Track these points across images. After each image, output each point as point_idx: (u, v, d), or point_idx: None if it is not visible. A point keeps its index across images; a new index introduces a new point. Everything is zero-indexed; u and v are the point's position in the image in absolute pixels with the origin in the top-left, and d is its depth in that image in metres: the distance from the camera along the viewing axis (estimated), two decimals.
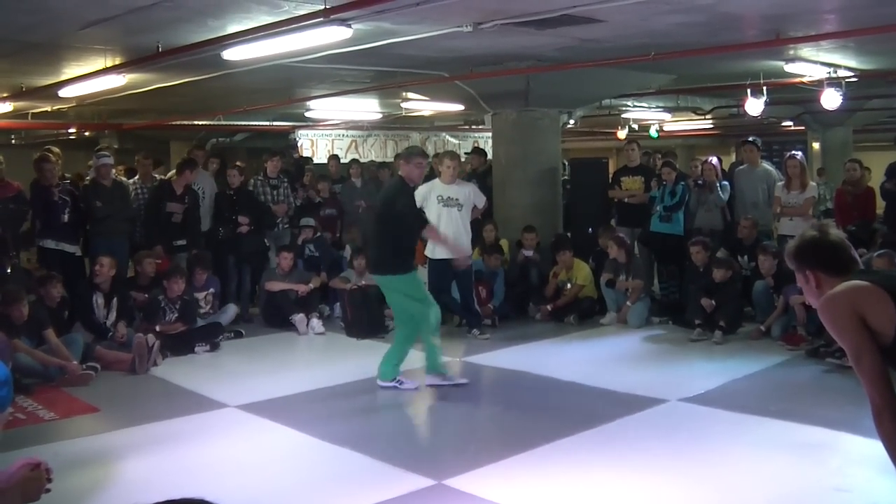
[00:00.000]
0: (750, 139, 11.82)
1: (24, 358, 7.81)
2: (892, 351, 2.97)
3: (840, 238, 3.31)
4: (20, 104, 13.36)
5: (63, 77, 10.74)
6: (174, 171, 11.20)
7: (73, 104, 13.52)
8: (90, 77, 10.05)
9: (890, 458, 3.00)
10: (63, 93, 10.97)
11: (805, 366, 8.14)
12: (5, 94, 12.30)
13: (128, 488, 5.28)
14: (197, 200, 10.81)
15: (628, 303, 10.41)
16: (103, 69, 9.81)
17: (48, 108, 14.37)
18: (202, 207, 11.08)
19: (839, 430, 5.99)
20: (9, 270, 9.26)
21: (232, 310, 10.43)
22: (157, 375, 8.43)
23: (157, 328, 9.11)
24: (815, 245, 3.29)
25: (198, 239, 10.84)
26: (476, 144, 18.84)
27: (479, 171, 13.29)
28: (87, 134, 19.44)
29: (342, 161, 15.55)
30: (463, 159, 14.65)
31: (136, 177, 11.63)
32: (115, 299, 9.23)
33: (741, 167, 11.85)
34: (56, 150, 10.33)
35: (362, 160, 16.70)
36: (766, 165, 11.51)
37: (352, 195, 13.25)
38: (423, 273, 10.25)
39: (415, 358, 7.98)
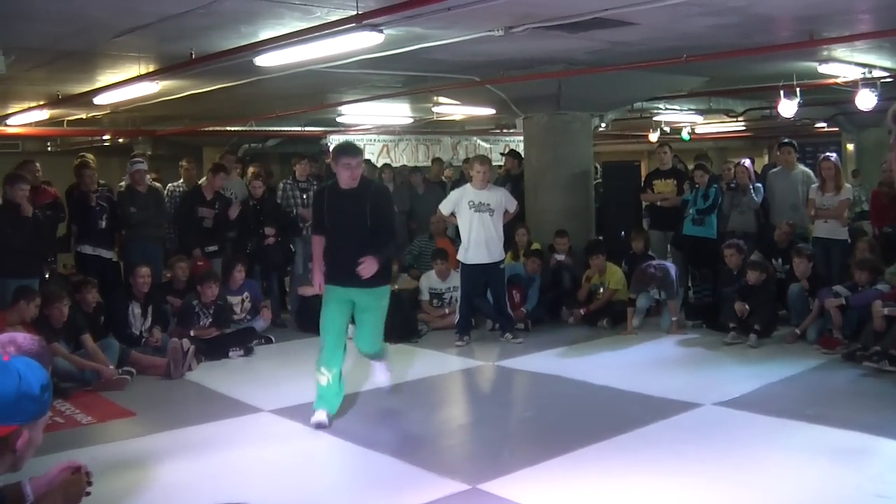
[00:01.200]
0: (786, 141, 11.74)
1: (62, 362, 7.90)
2: None
3: None
4: (56, 112, 13.52)
5: (98, 84, 10.84)
6: (205, 176, 11.27)
7: (108, 111, 13.67)
8: (124, 84, 10.14)
9: None
10: (98, 100, 11.07)
11: (841, 369, 8.06)
12: (42, 102, 12.45)
13: (164, 492, 5.33)
14: (227, 205, 10.86)
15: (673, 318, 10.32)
16: (137, 76, 9.90)
17: (83, 116, 14.52)
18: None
19: (878, 435, 5.93)
20: (47, 276, 9.37)
21: (265, 319, 10.46)
22: (191, 380, 8.49)
23: (192, 333, 9.17)
24: None
25: (226, 244, 10.90)
26: (507, 148, 18.81)
27: (513, 174, 13.29)
28: (120, 140, 19.61)
29: (375, 166, 15.57)
30: (500, 161, 14.67)
31: (181, 181, 11.71)
32: (150, 306, 9.32)
33: (775, 169, 11.77)
34: (92, 156, 10.44)
35: (394, 165, 16.71)
36: (803, 167, 11.42)
37: None
38: (455, 277, 10.30)
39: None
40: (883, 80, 11.65)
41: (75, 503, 3.03)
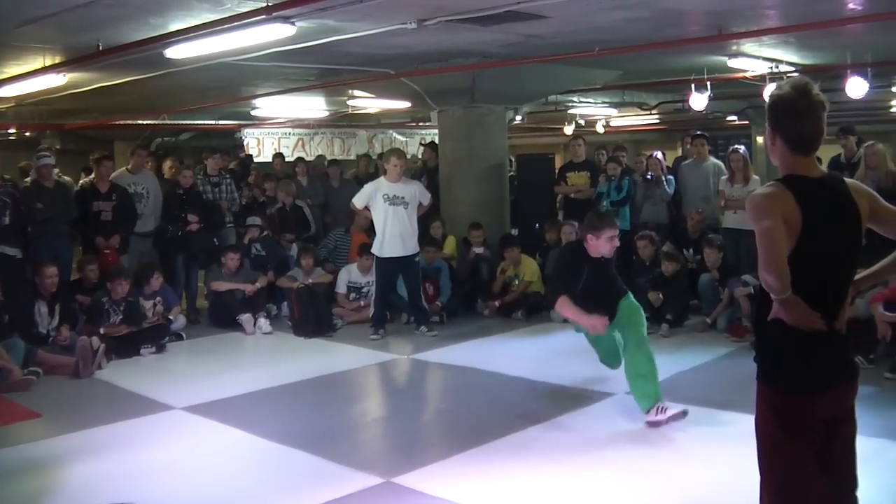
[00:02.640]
0: (699, 133, 11.94)
1: None
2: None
3: (814, 107, 3.16)
4: None
5: (1, 76, 10.54)
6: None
7: (12, 104, 13.29)
8: (29, 76, 9.88)
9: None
10: (1, 92, 10.77)
11: (750, 357, 8.05)
12: None
13: (72, 494, 5.20)
14: (127, 197, 10.64)
15: None
16: (42, 68, 9.65)
17: None
18: (146, 207, 10.93)
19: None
20: None
21: (181, 320, 10.31)
22: (101, 378, 8.28)
23: (102, 330, 8.97)
24: (785, 106, 3.19)
25: (129, 235, 10.69)
26: (423, 141, 18.81)
27: (430, 166, 13.29)
28: (27, 134, 19.10)
29: (288, 159, 15.44)
30: (414, 153, 14.65)
31: (92, 176, 11.44)
32: (58, 305, 9.09)
33: (687, 161, 11.97)
34: None
35: (308, 158, 16.59)
36: (714, 160, 11.62)
37: (298, 193, 13.15)
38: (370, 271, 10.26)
39: None
40: (789, 74, 11.89)
41: None
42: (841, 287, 3.25)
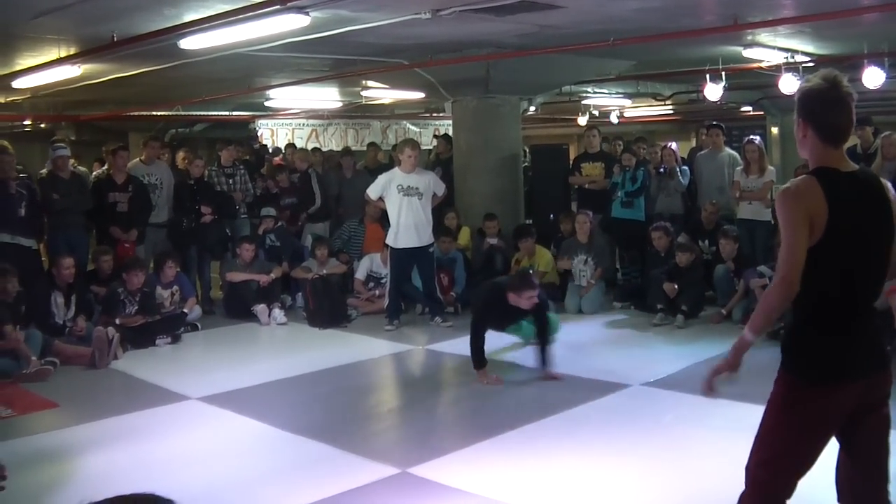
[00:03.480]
0: (714, 123, 11.90)
1: None
2: (809, 252, 3.11)
3: (845, 98, 3.18)
4: None
5: (16, 68, 10.57)
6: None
7: (28, 96, 13.32)
8: (44, 68, 9.90)
9: (757, 318, 3.33)
10: (17, 84, 10.81)
11: (766, 348, 8.04)
12: None
13: (88, 484, 5.22)
14: (142, 188, 10.69)
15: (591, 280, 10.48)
16: (57, 59, 9.67)
17: (2, 100, 14.15)
18: (160, 198, 10.97)
19: None
20: None
21: (197, 310, 10.34)
22: (117, 369, 8.33)
23: (117, 321, 9.00)
24: (817, 97, 3.20)
25: (145, 227, 10.73)
26: (437, 132, 18.78)
27: (444, 158, 13.28)
28: (42, 126, 19.15)
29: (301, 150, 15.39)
30: (428, 146, 14.63)
31: (105, 166, 11.48)
32: (74, 295, 9.14)
33: (703, 152, 11.91)
34: (6, 143, 10.17)
35: (324, 149, 16.59)
36: (730, 150, 11.57)
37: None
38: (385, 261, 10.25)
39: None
40: (804, 65, 11.83)
41: None
42: (871, 279, 3.26)
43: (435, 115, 20.43)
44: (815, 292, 3.14)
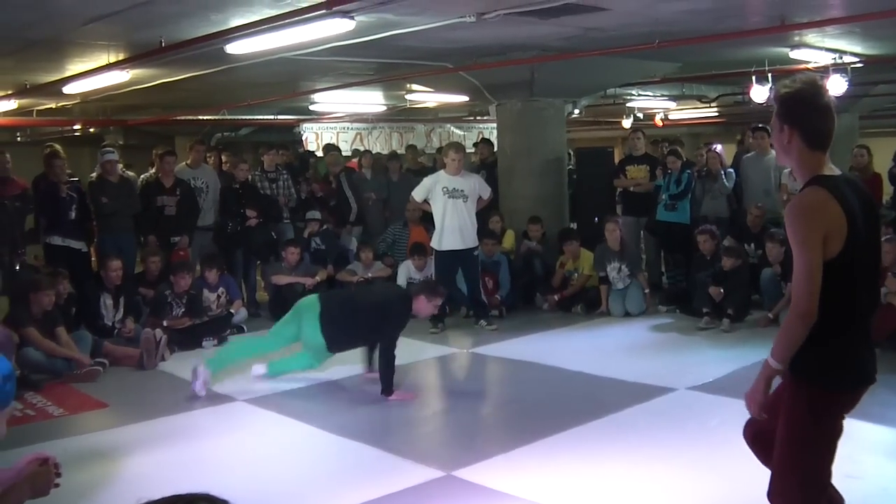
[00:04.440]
0: (760, 126, 11.79)
1: (34, 354, 7.85)
2: (828, 265, 3.07)
3: (831, 104, 3.20)
4: (25, 101, 13.36)
5: (67, 73, 10.73)
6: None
7: (78, 101, 13.52)
8: (94, 73, 10.03)
9: (781, 346, 3.20)
10: (67, 89, 10.96)
11: None
12: (10, 92, 12.29)
13: (136, 483, 5.29)
14: (190, 192, 10.81)
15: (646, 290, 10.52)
16: (107, 65, 9.80)
17: (53, 105, 14.36)
18: (206, 202, 11.09)
19: (848, 417, 5.95)
20: (17, 268, 9.28)
21: (243, 313, 10.43)
22: (165, 370, 8.43)
23: (165, 323, 9.11)
24: (805, 102, 3.18)
25: (193, 230, 10.85)
26: (481, 135, 18.76)
27: (487, 162, 13.29)
28: (91, 130, 19.42)
29: (345, 153, 15.49)
30: (472, 150, 14.65)
31: (152, 170, 11.62)
32: (122, 297, 9.27)
33: (749, 154, 11.79)
34: (59, 147, 10.33)
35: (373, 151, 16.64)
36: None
37: (362, 187, 13.21)
38: (432, 265, 10.26)
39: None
40: (853, 66, 11.70)
41: (43, 495, 3.00)
42: (876, 280, 3.32)
43: (479, 118, 20.44)
44: (838, 303, 3.10)
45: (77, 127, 18.42)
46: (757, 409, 3.34)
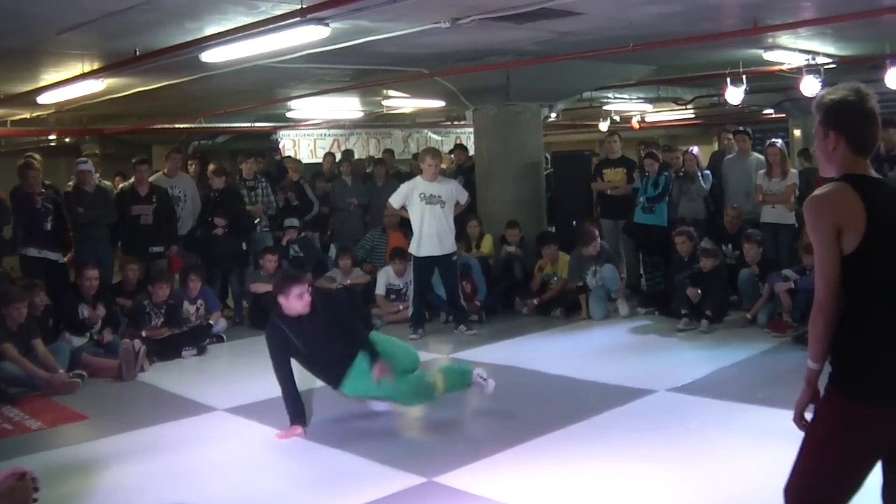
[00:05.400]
0: (741, 128, 11.86)
1: (11, 367, 7.77)
2: (844, 262, 3.02)
3: (876, 110, 3.16)
4: None
5: (41, 83, 10.68)
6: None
7: (53, 110, 13.47)
8: (69, 83, 10.00)
9: (811, 346, 3.12)
10: (42, 99, 10.92)
11: (791, 352, 8.15)
12: None
13: (117, 496, 5.26)
14: (167, 200, 10.75)
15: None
16: (81, 74, 9.77)
17: (27, 115, 14.30)
18: (184, 210, 11.05)
19: None
20: None
21: (223, 323, 10.39)
22: (144, 381, 8.39)
23: (143, 333, 9.07)
24: (852, 108, 3.14)
25: (175, 239, 10.79)
26: (458, 140, 18.80)
27: (464, 167, 13.32)
28: (67, 140, 19.33)
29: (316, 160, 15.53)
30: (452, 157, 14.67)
31: (131, 179, 11.59)
32: (99, 307, 9.21)
33: (730, 156, 11.82)
34: (38, 157, 10.27)
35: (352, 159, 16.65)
36: (758, 155, 11.48)
37: (343, 193, 13.20)
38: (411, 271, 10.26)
39: None
40: (826, 67, 11.79)
41: None
42: None
43: (456, 123, 20.47)
44: (864, 302, 3.04)
45: (52, 137, 18.34)
46: (797, 414, 3.23)
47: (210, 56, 8.35)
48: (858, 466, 3.07)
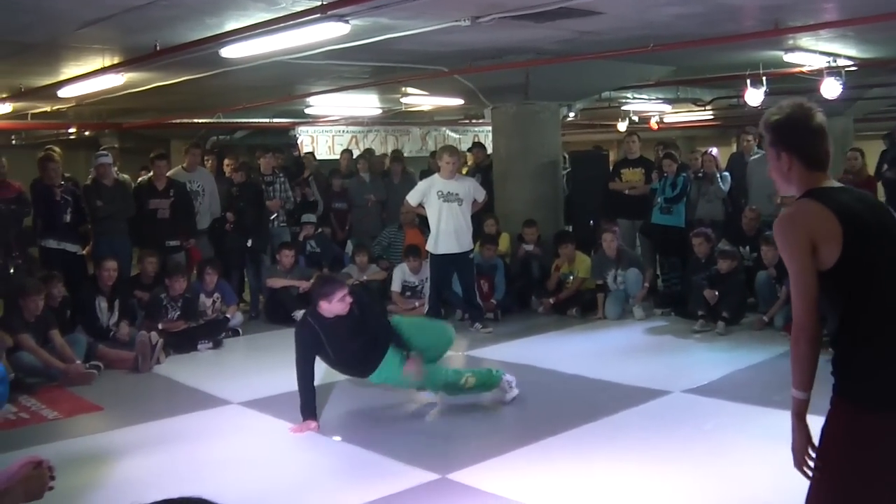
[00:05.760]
0: None
1: (28, 357, 7.84)
2: (828, 276, 2.93)
3: (824, 124, 3.08)
4: (20, 105, 13.35)
5: (62, 77, 10.72)
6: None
7: (73, 104, 13.51)
8: (89, 77, 10.03)
9: (794, 373, 3.05)
10: (62, 93, 10.95)
11: None
12: (4, 95, 12.29)
13: (131, 486, 5.29)
14: (184, 194, 10.79)
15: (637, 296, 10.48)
16: (102, 69, 9.80)
17: (48, 109, 14.36)
18: (202, 205, 11.08)
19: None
20: (11, 271, 9.28)
21: (239, 317, 10.43)
22: (160, 373, 8.44)
23: (160, 326, 9.11)
24: (799, 125, 3.06)
25: (194, 233, 10.84)
26: (476, 139, 18.78)
27: (482, 166, 13.32)
28: (87, 134, 19.43)
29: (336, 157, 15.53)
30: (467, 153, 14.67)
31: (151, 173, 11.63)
32: (117, 300, 9.27)
33: (755, 157, 11.73)
34: (58, 150, 10.33)
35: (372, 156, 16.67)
36: None
37: (361, 190, 13.21)
38: (427, 268, 10.27)
39: None
40: (847, 69, 11.73)
41: (37, 499, 2.98)
42: None
43: (474, 121, 20.46)
44: (855, 311, 2.95)
45: (72, 130, 18.42)
46: (798, 458, 3.10)
47: (230, 52, 8.36)
48: (889, 484, 2.91)
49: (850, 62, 11.89)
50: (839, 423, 2.99)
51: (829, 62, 11.51)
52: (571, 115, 13.60)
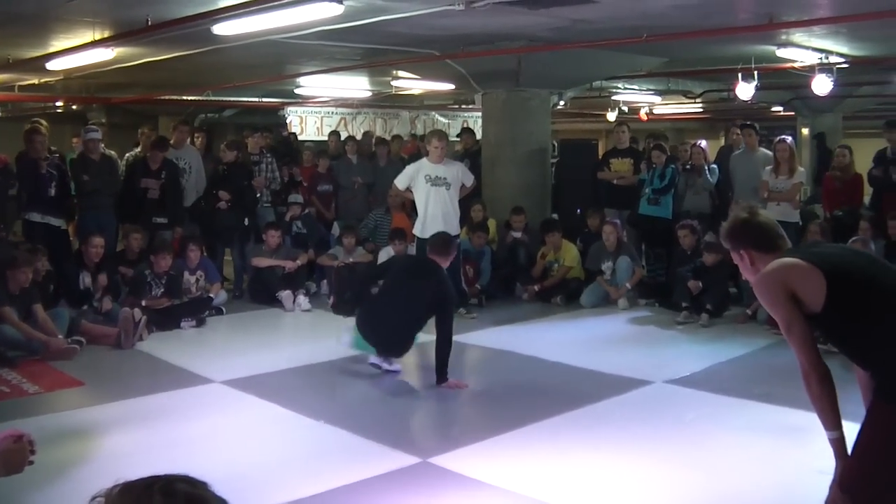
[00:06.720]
0: (748, 123, 11.81)
1: (10, 330, 7.79)
2: (821, 318, 3.18)
3: (768, 219, 3.51)
4: (6, 76, 13.25)
5: (51, 49, 10.63)
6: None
7: (61, 77, 13.40)
8: (78, 50, 9.95)
9: (818, 416, 3.23)
10: (50, 65, 10.87)
11: (789, 350, 8.06)
12: None
13: (112, 462, 5.27)
14: (175, 177, 10.74)
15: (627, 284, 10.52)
16: (91, 42, 9.72)
17: (35, 81, 14.25)
18: (188, 182, 11.03)
19: None
20: None
21: (223, 295, 10.41)
22: (142, 350, 8.40)
23: (143, 303, 9.08)
24: (746, 225, 3.47)
25: (180, 214, 10.78)
26: (465, 124, 18.76)
27: (471, 151, 13.30)
28: (74, 107, 19.29)
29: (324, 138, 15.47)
30: (456, 139, 14.66)
31: (138, 148, 11.52)
32: (101, 275, 9.23)
33: (738, 152, 11.78)
34: (44, 122, 10.25)
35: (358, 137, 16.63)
36: (765, 150, 11.43)
37: (348, 172, 13.17)
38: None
39: None
40: (839, 66, 11.75)
41: (17, 472, 2.97)
42: None
43: (464, 106, 20.43)
44: (868, 325, 3.15)
45: (59, 104, 18.30)
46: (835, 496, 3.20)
47: (222, 29, 8.31)
48: None
49: (842, 59, 11.91)
50: (880, 418, 3.16)
51: (820, 59, 11.53)
52: (562, 103, 13.59)
